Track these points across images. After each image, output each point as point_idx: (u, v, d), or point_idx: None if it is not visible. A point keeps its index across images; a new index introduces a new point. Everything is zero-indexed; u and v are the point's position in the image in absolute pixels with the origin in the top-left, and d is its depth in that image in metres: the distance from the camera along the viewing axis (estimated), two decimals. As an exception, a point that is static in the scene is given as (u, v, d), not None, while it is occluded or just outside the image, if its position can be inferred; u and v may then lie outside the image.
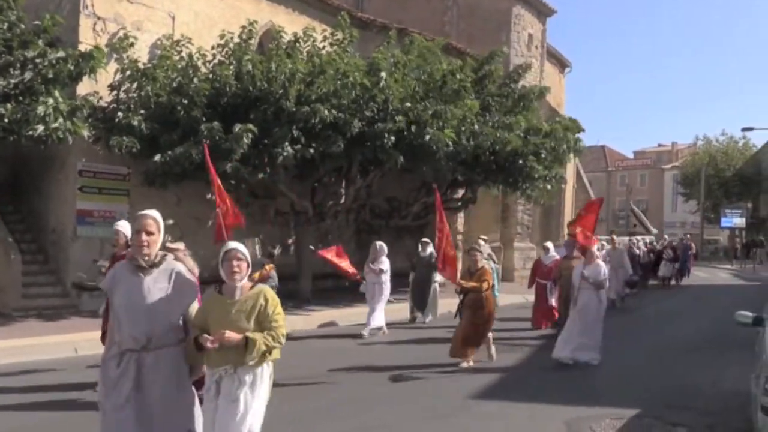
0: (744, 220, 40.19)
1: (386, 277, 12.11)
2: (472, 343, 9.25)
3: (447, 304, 13.61)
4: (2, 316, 12.30)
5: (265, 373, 4.22)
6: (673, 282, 23.78)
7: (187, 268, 4.25)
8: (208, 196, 15.65)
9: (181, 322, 4.16)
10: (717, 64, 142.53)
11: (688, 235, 31.40)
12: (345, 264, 10.45)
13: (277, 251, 15.13)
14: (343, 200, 16.79)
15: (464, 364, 9.07)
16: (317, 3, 18.13)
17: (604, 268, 9.72)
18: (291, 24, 16.44)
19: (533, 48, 25.02)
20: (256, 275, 8.41)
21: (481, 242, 14.93)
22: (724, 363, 9.76)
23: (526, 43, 24.62)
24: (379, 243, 12.34)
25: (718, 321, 14.07)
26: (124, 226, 6.97)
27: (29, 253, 13.69)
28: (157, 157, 12.54)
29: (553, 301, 12.65)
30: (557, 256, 12.80)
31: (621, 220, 64.97)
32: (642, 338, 12.26)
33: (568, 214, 30.40)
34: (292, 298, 14.96)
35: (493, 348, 9.70)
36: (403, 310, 14.08)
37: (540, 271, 13.31)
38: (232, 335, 3.98)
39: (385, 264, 12.12)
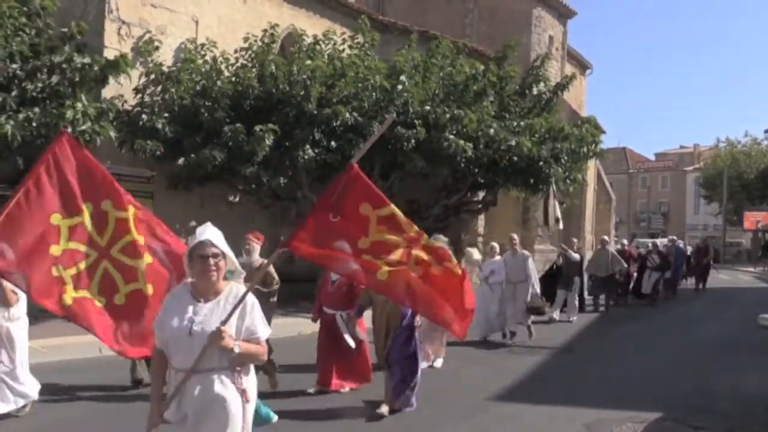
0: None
1: (22, 311, 6.83)
2: None
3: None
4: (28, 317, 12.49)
5: None
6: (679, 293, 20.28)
7: None
8: (231, 197, 15.95)
9: None
10: (740, 66, 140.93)
11: (708, 238, 31.08)
12: None
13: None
14: (363, 202, 16.78)
15: None
16: (338, 6, 18.24)
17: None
18: (312, 27, 16.55)
19: (554, 50, 24.98)
20: None
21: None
22: (745, 366, 9.71)
23: (547, 45, 24.59)
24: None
25: (740, 324, 13.98)
26: None
27: (55, 254, 13.87)
28: (181, 161, 12.73)
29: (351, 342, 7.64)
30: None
31: (642, 222, 64.58)
32: (662, 342, 12.21)
33: (589, 217, 30.29)
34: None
35: None
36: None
37: (325, 292, 7.85)
38: None
39: (20, 303, 6.74)
